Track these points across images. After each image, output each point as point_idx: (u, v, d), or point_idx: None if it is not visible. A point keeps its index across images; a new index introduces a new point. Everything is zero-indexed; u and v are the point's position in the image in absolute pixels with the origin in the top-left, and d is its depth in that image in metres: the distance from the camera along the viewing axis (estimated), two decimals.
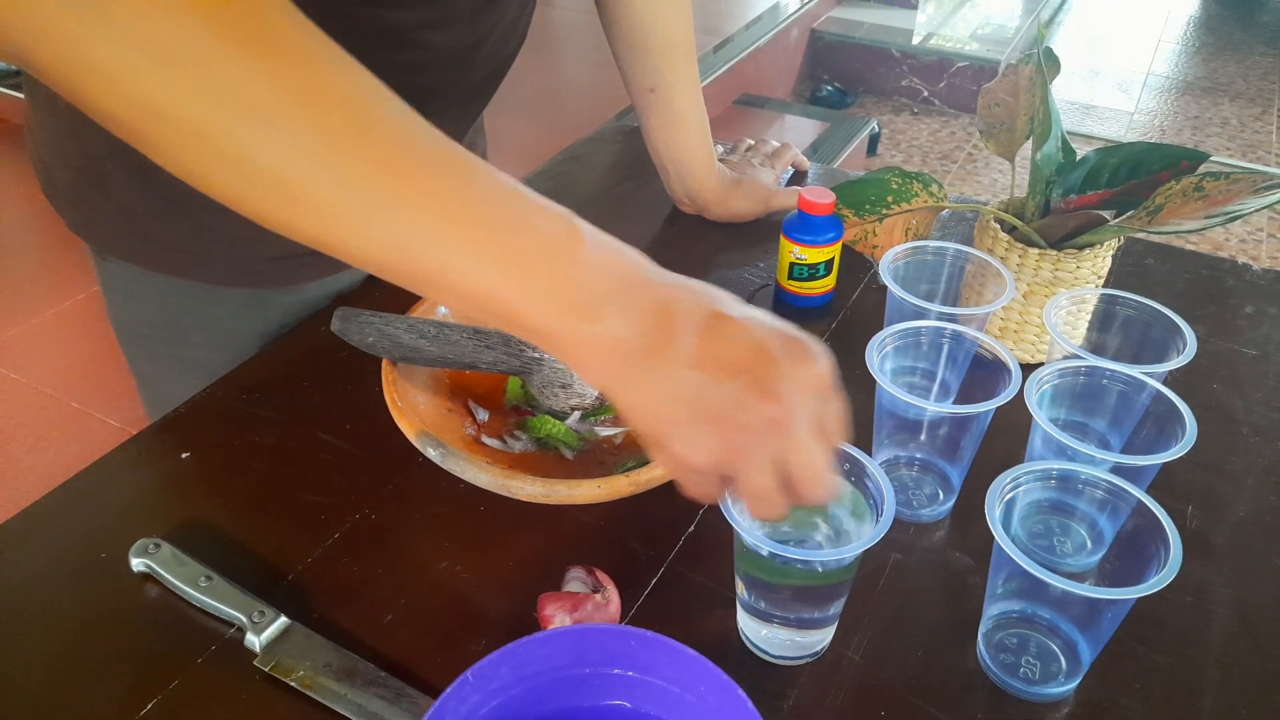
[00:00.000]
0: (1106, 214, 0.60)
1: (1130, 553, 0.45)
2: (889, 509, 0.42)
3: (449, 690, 0.36)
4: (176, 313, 0.68)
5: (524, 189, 0.37)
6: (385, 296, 0.72)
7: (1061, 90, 3.01)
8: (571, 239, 0.37)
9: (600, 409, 0.60)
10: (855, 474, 0.46)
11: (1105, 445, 0.54)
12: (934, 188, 0.71)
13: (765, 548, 0.42)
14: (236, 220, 0.34)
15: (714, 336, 0.36)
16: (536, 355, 0.57)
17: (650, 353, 0.36)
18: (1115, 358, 0.54)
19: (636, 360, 0.36)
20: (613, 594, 0.47)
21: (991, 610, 0.47)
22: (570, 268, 0.36)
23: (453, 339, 0.55)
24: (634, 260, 0.38)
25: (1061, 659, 0.46)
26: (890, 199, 0.73)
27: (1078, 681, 0.46)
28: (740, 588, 0.47)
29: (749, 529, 0.42)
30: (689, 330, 0.36)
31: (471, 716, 0.37)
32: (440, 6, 0.58)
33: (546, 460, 0.57)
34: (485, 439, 0.57)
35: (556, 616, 0.46)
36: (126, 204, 0.63)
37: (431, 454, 0.50)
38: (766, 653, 0.48)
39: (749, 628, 0.48)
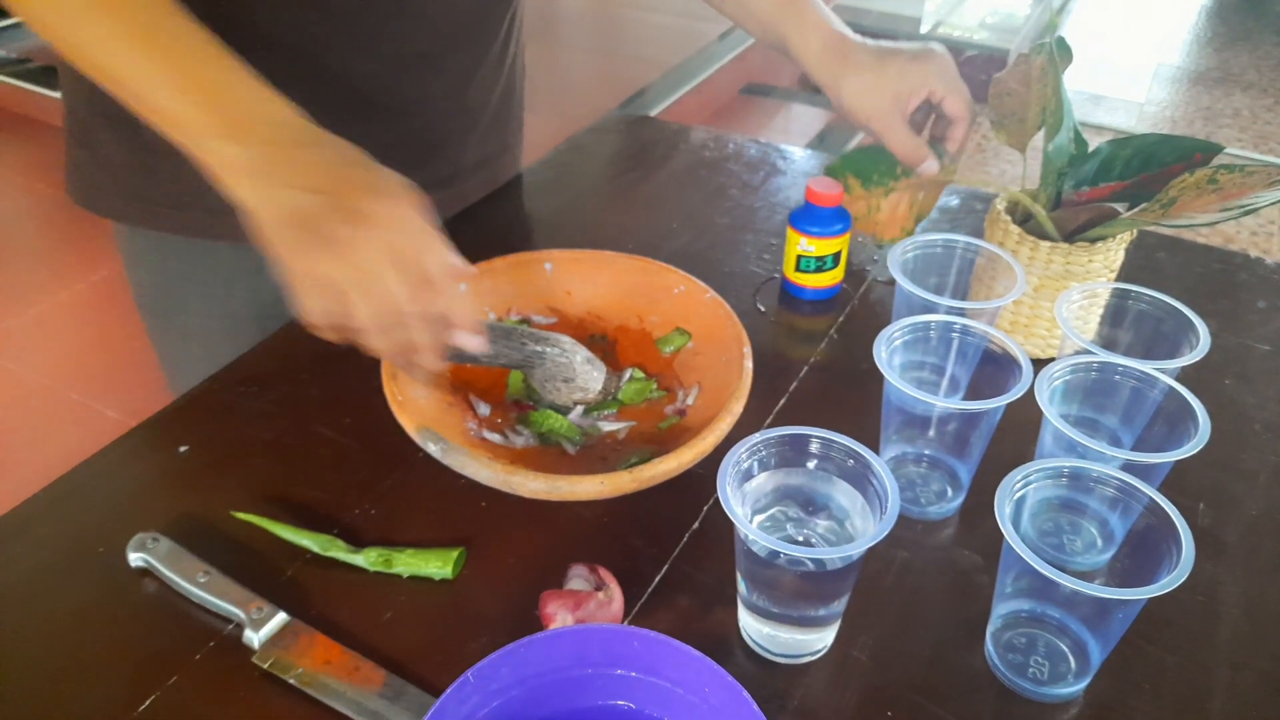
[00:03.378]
0: (1119, 206, 0.59)
1: (1141, 552, 0.44)
2: (893, 506, 0.42)
3: (449, 691, 0.35)
4: (173, 276, 0.70)
5: (232, 63, 0.48)
6: None
7: (1071, 80, 2.98)
8: (239, 87, 0.47)
9: (604, 403, 0.60)
10: (860, 470, 0.45)
11: (1116, 442, 0.54)
12: (945, 160, 0.70)
13: (765, 545, 0.41)
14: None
15: (325, 171, 0.46)
16: (539, 350, 0.57)
17: (269, 174, 0.46)
18: (1127, 353, 0.53)
19: (259, 178, 0.46)
20: (615, 592, 0.47)
21: (1000, 609, 0.47)
22: (230, 104, 0.47)
23: None
24: (289, 115, 0.48)
25: (1071, 659, 0.46)
26: (899, 170, 0.71)
27: (1087, 682, 0.46)
28: (741, 585, 0.46)
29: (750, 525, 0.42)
30: (305, 166, 0.46)
31: (472, 717, 0.37)
32: None
33: (548, 456, 0.56)
34: (486, 434, 0.56)
35: (559, 615, 0.45)
36: (110, 160, 0.65)
37: (432, 449, 0.50)
38: (769, 651, 0.47)
39: (750, 626, 0.47)
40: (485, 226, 0.82)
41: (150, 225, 0.67)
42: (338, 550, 0.50)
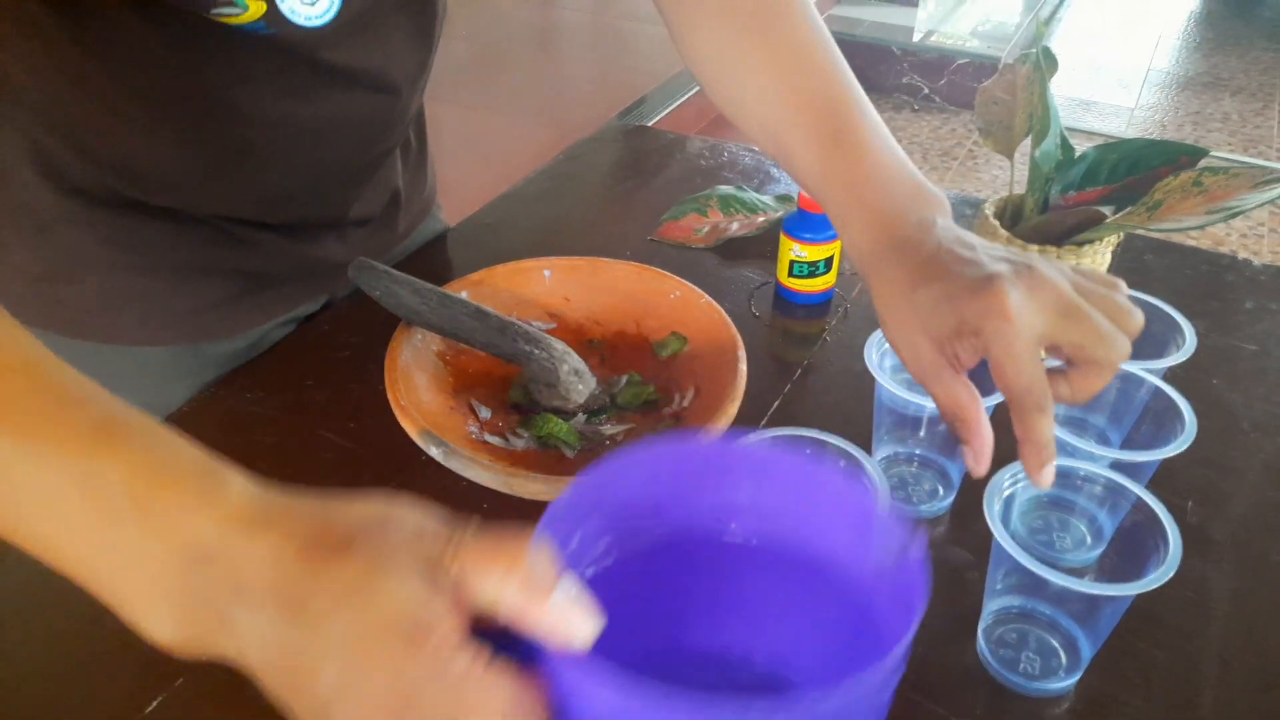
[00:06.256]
0: (1106, 210, 0.60)
1: (1130, 548, 0.45)
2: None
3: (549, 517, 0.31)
4: (99, 379, 0.64)
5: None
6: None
7: (1061, 86, 3.01)
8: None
9: (602, 408, 0.60)
10: (853, 470, 0.46)
11: (1105, 441, 0.55)
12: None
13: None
14: (148, 276, 0.28)
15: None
16: (527, 349, 0.58)
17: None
18: None
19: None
20: None
21: (991, 606, 0.48)
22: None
23: (453, 313, 0.56)
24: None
25: (1061, 654, 0.47)
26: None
27: (1078, 677, 0.46)
28: None
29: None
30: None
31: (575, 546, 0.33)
32: None
33: (548, 458, 0.57)
34: (488, 437, 0.57)
35: None
36: (24, 267, 0.60)
37: (434, 452, 0.50)
38: None
39: None
40: (485, 235, 0.83)
41: (76, 335, 0.61)
42: None
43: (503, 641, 0.29)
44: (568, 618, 0.28)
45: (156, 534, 0.30)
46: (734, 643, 0.38)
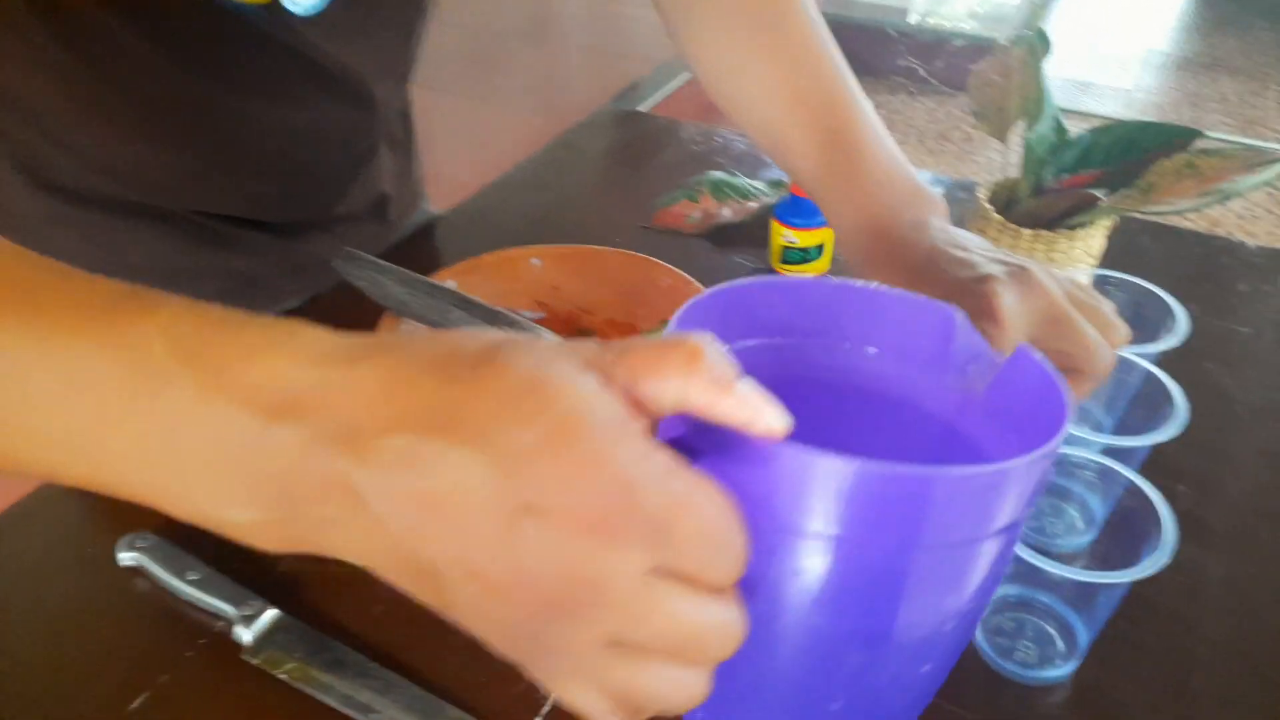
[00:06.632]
0: (1099, 193, 0.59)
1: (1122, 533, 0.45)
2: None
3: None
4: None
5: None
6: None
7: (1059, 68, 2.99)
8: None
9: None
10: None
11: (1097, 426, 0.54)
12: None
13: None
14: (135, 276, 0.23)
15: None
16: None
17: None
18: None
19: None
20: None
21: None
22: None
23: (440, 303, 0.56)
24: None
25: (1059, 642, 0.46)
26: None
27: (1075, 665, 0.46)
28: None
29: None
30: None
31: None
32: None
33: None
34: None
35: None
36: None
37: None
38: None
39: None
40: (474, 223, 0.82)
41: None
42: None
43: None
44: (762, 405, 0.24)
45: (219, 388, 0.22)
46: None
